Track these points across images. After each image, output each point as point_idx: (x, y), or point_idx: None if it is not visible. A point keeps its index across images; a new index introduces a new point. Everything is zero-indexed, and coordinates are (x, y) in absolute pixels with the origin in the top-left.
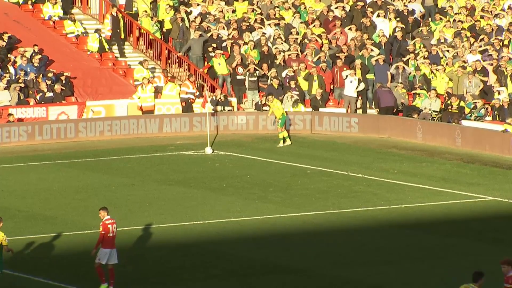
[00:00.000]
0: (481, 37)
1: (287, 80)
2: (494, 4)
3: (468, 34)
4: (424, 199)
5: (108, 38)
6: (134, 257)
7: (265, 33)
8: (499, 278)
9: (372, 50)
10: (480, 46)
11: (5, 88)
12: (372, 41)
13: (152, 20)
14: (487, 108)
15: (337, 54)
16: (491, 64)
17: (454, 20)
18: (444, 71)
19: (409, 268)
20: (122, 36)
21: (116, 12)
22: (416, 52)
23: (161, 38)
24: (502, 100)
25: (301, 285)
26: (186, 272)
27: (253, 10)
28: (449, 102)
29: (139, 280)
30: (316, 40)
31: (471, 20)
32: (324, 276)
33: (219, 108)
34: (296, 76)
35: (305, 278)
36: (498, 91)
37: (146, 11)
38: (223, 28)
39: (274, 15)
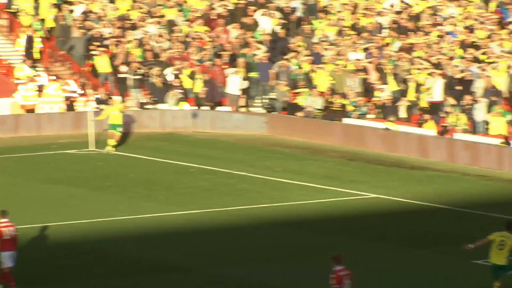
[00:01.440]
0: (363, 35)
1: (171, 79)
2: (376, 2)
3: (351, 32)
4: (307, 197)
5: (23, 57)
6: (19, 257)
7: (148, 31)
8: (381, 274)
9: (258, 48)
10: (362, 44)
11: None
12: (255, 39)
13: (33, 18)
14: (369, 106)
15: (220, 52)
16: (371, 62)
17: (338, 18)
18: (326, 69)
19: (293, 265)
20: (36, 57)
21: (32, 32)
22: (298, 50)
23: (43, 36)
24: (384, 98)
25: (185, 283)
26: (71, 272)
27: (136, 8)
28: (331, 100)
29: (24, 280)
30: (200, 38)
31: (353, 18)
32: (209, 274)
33: (102, 106)
34: (180, 74)
35: (189, 276)
36: (380, 89)
37: (24, 9)
38: (106, 26)
39: (157, 13)
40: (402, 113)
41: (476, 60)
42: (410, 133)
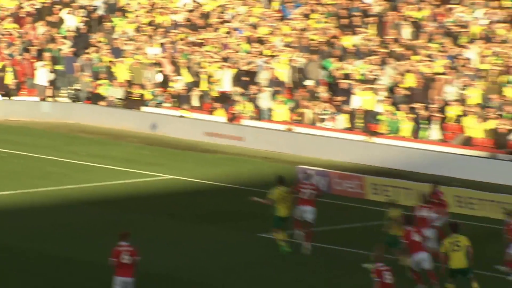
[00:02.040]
0: (159, 31)
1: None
2: (170, 1)
3: (148, 28)
4: (110, 179)
5: None
6: None
7: None
8: (178, 248)
9: (63, 43)
10: (159, 40)
11: None
12: (61, 35)
13: None
14: (165, 95)
15: (29, 47)
16: (166, 57)
17: (137, 16)
18: (126, 62)
19: (99, 241)
20: None
21: None
22: (100, 45)
23: None
24: (179, 88)
25: (1, 261)
26: None
27: None
28: (130, 90)
29: None
30: (10, 34)
31: (150, 16)
32: (23, 251)
33: None
34: None
35: (4, 253)
36: (175, 80)
37: None
38: None
39: None
40: (195, 102)
41: (260, 53)
42: (203, 119)
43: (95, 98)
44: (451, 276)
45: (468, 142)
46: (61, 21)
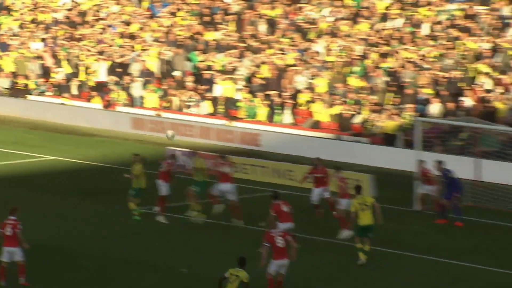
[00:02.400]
0: (40, 27)
1: None
2: (50, 1)
3: (31, 25)
4: None
5: None
6: None
7: None
8: (60, 222)
9: None
10: (41, 35)
11: None
12: None
13: None
14: (48, 85)
15: None
16: (47, 51)
17: (21, 14)
18: (11, 56)
19: None
20: None
21: None
22: None
23: None
24: (60, 78)
25: None
26: None
27: None
28: (16, 81)
29: None
30: None
31: (33, 14)
32: None
33: None
34: None
35: None
36: (56, 71)
37: None
38: None
39: None
40: (74, 91)
41: (132, 47)
42: (81, 106)
43: None
44: (359, 234)
45: (316, 126)
46: None
